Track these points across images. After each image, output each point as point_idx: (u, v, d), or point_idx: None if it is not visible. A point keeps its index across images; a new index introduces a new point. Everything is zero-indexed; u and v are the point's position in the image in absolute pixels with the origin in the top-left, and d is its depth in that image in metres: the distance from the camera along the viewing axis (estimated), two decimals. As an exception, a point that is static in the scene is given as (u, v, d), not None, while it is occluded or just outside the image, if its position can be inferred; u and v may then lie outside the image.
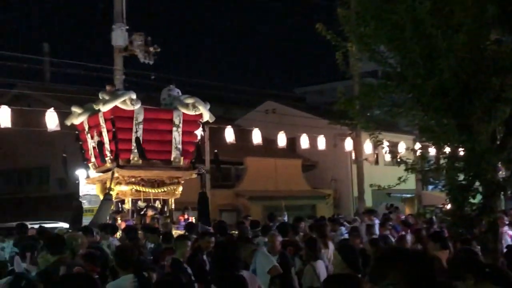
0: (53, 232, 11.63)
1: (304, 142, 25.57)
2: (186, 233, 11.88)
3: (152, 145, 15.80)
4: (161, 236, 11.43)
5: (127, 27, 20.70)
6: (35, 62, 21.00)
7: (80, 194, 18.88)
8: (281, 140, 24.44)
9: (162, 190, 16.12)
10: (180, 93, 16.66)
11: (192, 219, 16.62)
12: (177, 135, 16.01)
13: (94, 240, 11.24)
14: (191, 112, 16.06)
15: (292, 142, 28.71)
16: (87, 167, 16.92)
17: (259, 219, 17.32)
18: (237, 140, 22.99)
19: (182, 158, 16.25)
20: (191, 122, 16.26)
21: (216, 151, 18.86)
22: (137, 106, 15.34)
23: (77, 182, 17.65)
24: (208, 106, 16.58)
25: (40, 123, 17.59)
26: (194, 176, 16.82)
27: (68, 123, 16.87)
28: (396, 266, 2.78)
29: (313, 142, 25.69)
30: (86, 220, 15.90)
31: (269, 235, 10.14)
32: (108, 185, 15.48)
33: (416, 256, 2.90)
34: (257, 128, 23.57)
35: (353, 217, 20.07)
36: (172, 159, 16.11)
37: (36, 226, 15.53)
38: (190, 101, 16.12)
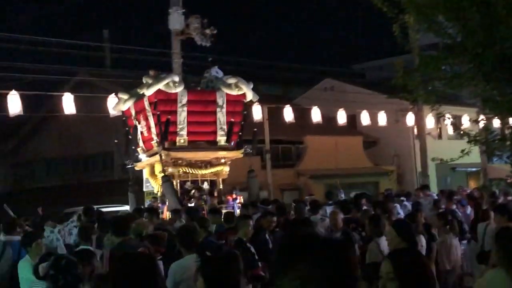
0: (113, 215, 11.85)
1: (364, 118, 25.31)
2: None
3: (197, 127, 15.84)
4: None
5: (184, 10, 20.78)
6: (95, 49, 21.24)
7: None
8: (341, 117, 24.24)
9: (209, 171, 16.16)
10: (221, 74, 16.58)
11: (241, 199, 16.57)
12: (221, 116, 15.96)
13: (160, 222, 11.41)
14: (234, 92, 15.95)
15: (352, 119, 28.48)
16: (136, 152, 16.98)
17: (321, 198, 17.26)
18: (296, 119, 22.92)
19: (227, 138, 16.20)
20: (235, 102, 16.15)
21: (255, 130, 18.63)
22: (180, 88, 15.34)
23: (132, 166, 17.70)
24: (251, 86, 16.43)
25: (103, 109, 17.92)
26: (241, 156, 16.77)
27: (115, 110, 17.03)
28: (305, 256, 2.21)
29: (373, 118, 25.40)
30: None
31: (331, 213, 10.11)
32: (159, 168, 15.64)
33: (334, 245, 2.28)
34: (316, 106, 23.43)
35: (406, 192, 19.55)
36: (217, 140, 16.10)
37: (105, 210, 15.93)
38: (232, 81, 16.03)
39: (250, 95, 16.34)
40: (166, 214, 14.39)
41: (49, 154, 34.60)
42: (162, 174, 15.34)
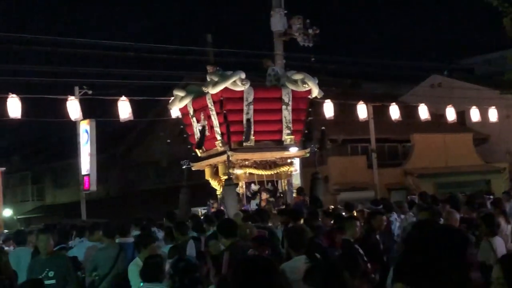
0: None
1: (474, 115, 24.56)
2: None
3: (262, 126, 15.33)
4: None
5: (286, 11, 20.82)
6: (200, 53, 21.62)
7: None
8: (450, 114, 23.60)
9: (275, 172, 15.66)
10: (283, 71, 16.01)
11: (307, 200, 16.02)
12: (287, 114, 15.39)
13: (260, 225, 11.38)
14: (300, 89, 15.41)
15: (461, 115, 27.64)
16: (192, 151, 16.52)
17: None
18: (402, 117, 22.52)
19: (293, 137, 15.61)
20: (301, 99, 15.61)
21: (323, 128, 18.01)
22: (247, 86, 14.84)
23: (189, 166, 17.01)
24: (317, 81, 15.85)
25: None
26: (307, 155, 16.25)
27: (171, 107, 16.63)
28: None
29: (484, 114, 24.60)
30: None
31: (447, 212, 9.77)
32: (223, 170, 15.16)
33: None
34: (423, 104, 22.93)
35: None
36: (283, 139, 15.54)
37: (203, 211, 16.01)
38: (298, 77, 15.48)
39: (316, 91, 15.74)
40: None
41: (158, 157, 35.37)
42: (226, 177, 14.86)
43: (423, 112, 22.74)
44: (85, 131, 21.92)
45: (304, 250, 6.61)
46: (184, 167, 16.80)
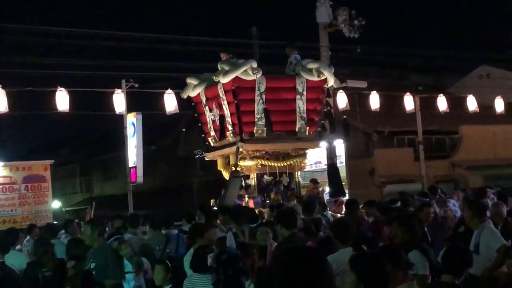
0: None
1: (524, 105, 24.11)
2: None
3: (275, 116, 14.90)
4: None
5: (331, 3, 20.70)
6: (244, 45, 21.63)
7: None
8: (499, 105, 23.21)
9: (288, 163, 15.26)
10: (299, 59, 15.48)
11: (324, 191, 15.69)
12: (301, 104, 14.95)
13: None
14: (315, 78, 14.92)
15: (510, 106, 27.12)
16: (206, 141, 16.19)
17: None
18: (450, 108, 22.24)
19: (307, 128, 15.22)
20: (315, 88, 15.15)
21: (345, 117, 17.55)
22: (259, 75, 14.40)
23: (202, 156, 16.85)
24: (333, 70, 15.49)
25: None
26: (321, 147, 15.90)
27: (184, 95, 16.32)
28: None
29: (534, 105, 24.13)
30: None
31: (493, 204, 9.62)
32: (233, 161, 14.83)
33: None
34: (471, 95, 22.60)
35: None
36: (296, 129, 15.14)
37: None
38: (313, 66, 15.05)
39: (331, 81, 15.29)
40: None
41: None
42: (233, 169, 14.54)
43: (471, 103, 22.46)
44: (132, 124, 22.09)
45: (351, 242, 6.57)
46: (197, 156, 16.71)
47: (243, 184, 15.00)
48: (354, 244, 6.49)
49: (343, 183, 22.71)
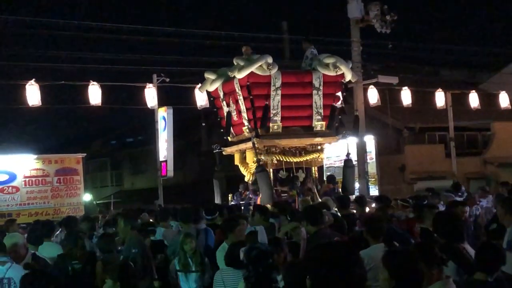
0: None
1: (558, 102, 23.73)
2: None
3: (291, 111, 14.69)
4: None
5: (363, -2, 20.63)
6: (275, 40, 21.61)
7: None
8: (532, 102, 22.94)
9: (304, 159, 15.01)
10: (316, 53, 15.21)
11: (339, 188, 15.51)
12: (317, 99, 14.66)
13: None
14: (331, 73, 14.56)
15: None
16: (224, 136, 15.99)
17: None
18: (482, 105, 22.02)
19: (324, 123, 14.94)
20: (332, 83, 14.78)
21: (356, 113, 17.39)
22: (274, 70, 14.15)
23: (220, 151, 16.74)
24: (350, 65, 15.25)
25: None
26: (338, 142, 15.62)
27: (202, 90, 16.32)
28: None
29: None
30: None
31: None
32: (250, 157, 14.78)
33: None
34: (504, 91, 22.35)
35: None
36: (313, 125, 14.88)
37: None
38: (330, 60, 14.64)
39: (349, 76, 14.93)
40: None
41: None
42: (256, 164, 14.38)
43: (504, 99, 22.22)
44: (163, 118, 22.27)
45: (383, 238, 6.57)
46: (215, 151, 16.62)
47: (278, 176, 14.94)
48: (386, 240, 6.49)
49: (373, 179, 22.69)
